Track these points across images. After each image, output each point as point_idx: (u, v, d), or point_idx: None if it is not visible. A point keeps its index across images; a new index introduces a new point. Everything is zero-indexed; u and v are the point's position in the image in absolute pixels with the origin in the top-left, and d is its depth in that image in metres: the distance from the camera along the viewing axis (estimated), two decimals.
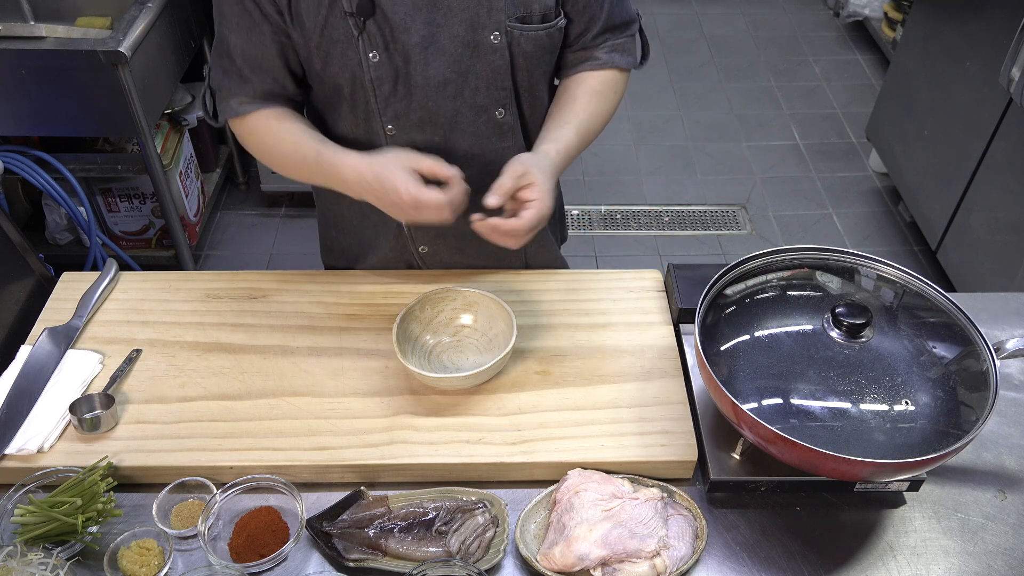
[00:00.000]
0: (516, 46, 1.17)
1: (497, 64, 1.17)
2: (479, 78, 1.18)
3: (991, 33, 2.50)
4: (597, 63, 1.27)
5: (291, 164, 1.24)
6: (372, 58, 1.14)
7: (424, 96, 1.17)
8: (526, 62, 1.19)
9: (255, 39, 1.16)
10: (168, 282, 1.36)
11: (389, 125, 1.20)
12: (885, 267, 1.15)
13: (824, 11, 4.52)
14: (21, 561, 0.95)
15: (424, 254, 1.38)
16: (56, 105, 2.29)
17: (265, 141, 1.24)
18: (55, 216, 2.73)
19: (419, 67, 1.15)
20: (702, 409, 1.15)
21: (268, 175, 3.03)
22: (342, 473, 1.10)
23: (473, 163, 1.23)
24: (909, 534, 1.07)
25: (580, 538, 0.99)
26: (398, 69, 1.15)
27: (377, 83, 1.16)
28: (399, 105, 1.18)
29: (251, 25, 1.15)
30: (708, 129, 3.66)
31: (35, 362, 1.20)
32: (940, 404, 1.02)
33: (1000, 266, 2.48)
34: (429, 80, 1.16)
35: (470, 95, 1.19)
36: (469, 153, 1.24)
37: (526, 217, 1.10)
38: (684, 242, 3.10)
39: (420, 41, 1.13)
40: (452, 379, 1.15)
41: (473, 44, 1.15)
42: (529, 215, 1.10)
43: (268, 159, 1.28)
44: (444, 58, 1.15)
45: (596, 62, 1.27)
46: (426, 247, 1.37)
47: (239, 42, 1.17)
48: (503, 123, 1.24)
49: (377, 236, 1.39)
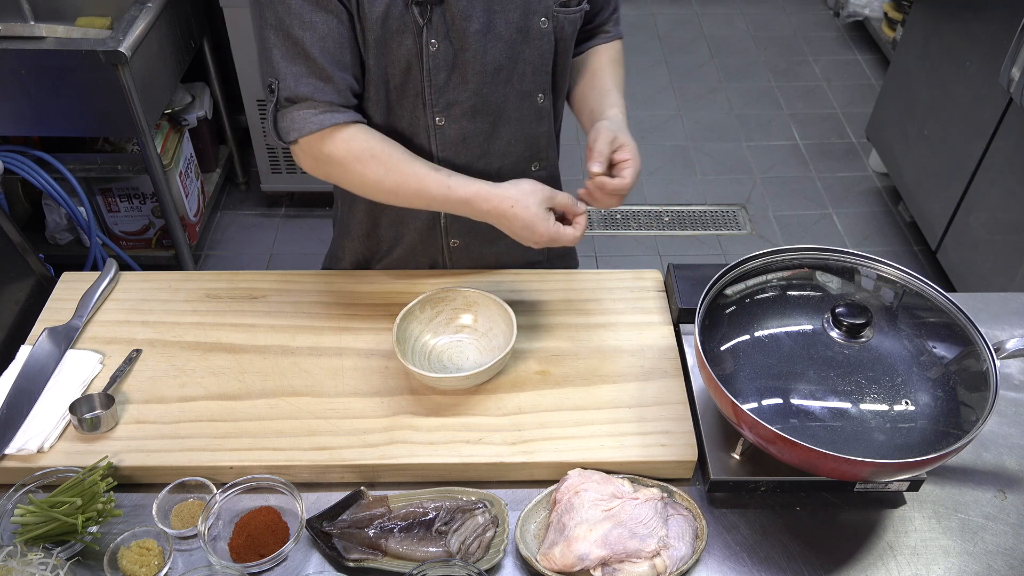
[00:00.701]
0: (559, 30, 1.21)
1: (543, 49, 1.21)
2: (527, 64, 1.21)
3: (991, 33, 2.50)
4: (608, 36, 1.36)
5: (402, 193, 1.17)
6: (431, 47, 1.14)
7: (479, 83, 1.19)
8: (564, 46, 1.24)
9: (334, 31, 1.10)
10: (168, 282, 1.36)
11: (438, 117, 1.20)
12: (885, 267, 1.15)
13: (824, 11, 4.52)
14: (21, 561, 0.95)
15: (454, 248, 1.39)
16: (56, 105, 2.29)
17: (370, 167, 1.15)
18: (55, 216, 2.73)
19: (476, 55, 1.16)
20: (702, 409, 1.15)
21: (268, 175, 3.03)
22: (342, 473, 1.10)
23: (515, 149, 1.28)
24: (909, 534, 1.07)
25: (580, 538, 0.99)
26: (455, 57, 1.16)
27: (433, 72, 1.16)
28: (452, 94, 1.19)
29: (327, 16, 1.09)
30: (708, 129, 3.66)
31: (35, 362, 1.20)
32: (940, 404, 1.02)
33: (1000, 266, 2.48)
34: (485, 67, 1.17)
35: (518, 81, 1.22)
36: (512, 140, 1.27)
37: (628, 175, 1.16)
38: (684, 242, 3.10)
39: (480, 28, 1.14)
40: (452, 379, 1.15)
41: (525, 30, 1.18)
42: (629, 173, 1.16)
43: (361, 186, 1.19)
44: (500, 44, 1.17)
45: (607, 35, 1.36)
46: (457, 240, 1.38)
47: (315, 39, 1.09)
48: (542, 108, 1.27)
49: (410, 230, 1.38)
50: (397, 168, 1.16)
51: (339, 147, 1.15)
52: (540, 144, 1.30)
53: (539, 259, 1.45)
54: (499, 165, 1.28)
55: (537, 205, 1.14)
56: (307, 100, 1.12)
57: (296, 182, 3.05)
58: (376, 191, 1.19)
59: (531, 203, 1.13)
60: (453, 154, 1.25)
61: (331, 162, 1.17)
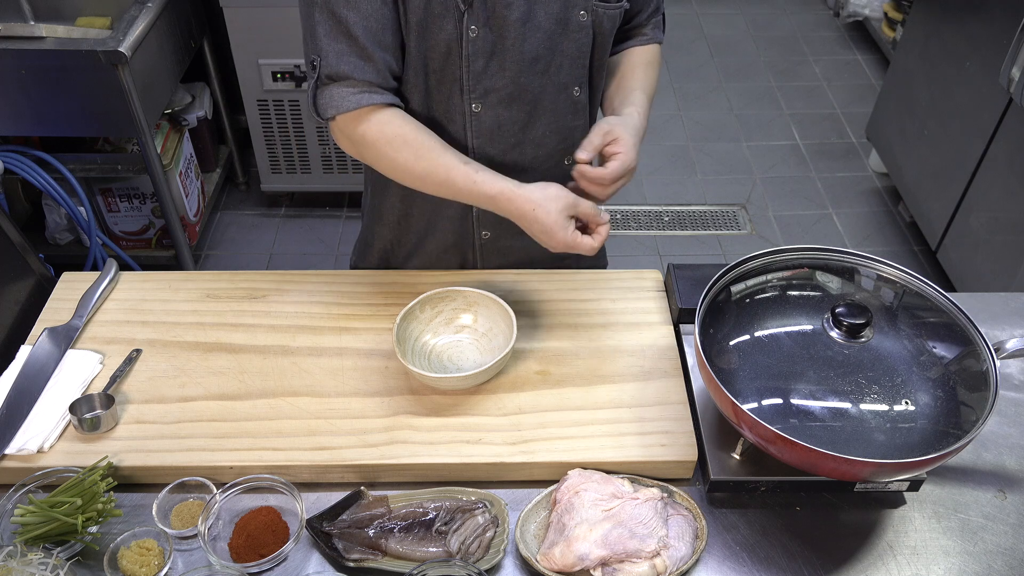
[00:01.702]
0: (598, 25, 1.22)
1: (581, 42, 1.22)
2: (565, 56, 1.22)
3: (991, 33, 2.50)
4: (644, 39, 1.37)
5: (430, 181, 1.18)
6: (471, 33, 1.15)
7: (516, 72, 1.20)
8: (603, 40, 1.25)
9: (377, 11, 1.12)
10: (168, 282, 1.36)
11: (475, 104, 1.21)
12: (885, 267, 1.15)
13: (824, 11, 4.52)
14: (21, 561, 0.95)
15: (485, 240, 1.39)
16: (56, 105, 2.29)
17: (401, 153, 1.17)
18: (55, 216, 2.73)
19: (515, 43, 1.17)
20: (702, 409, 1.15)
21: (268, 175, 3.03)
22: (342, 473, 1.10)
23: (549, 141, 1.29)
24: (909, 534, 1.07)
25: (580, 538, 0.99)
26: (494, 44, 1.17)
27: (472, 58, 1.17)
28: (489, 81, 1.20)
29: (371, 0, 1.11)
30: (708, 129, 3.66)
31: (35, 362, 1.20)
32: (940, 404, 1.02)
33: (1000, 266, 2.48)
34: (524, 56, 1.19)
35: (555, 72, 1.23)
36: (547, 131, 1.28)
37: (611, 167, 1.17)
38: (684, 242, 3.10)
39: (520, 17, 1.15)
40: (452, 379, 1.15)
41: (564, 21, 1.19)
42: (614, 166, 1.17)
43: (391, 169, 1.21)
44: (539, 35, 1.18)
45: (644, 38, 1.37)
46: (488, 232, 1.38)
47: (359, 19, 1.11)
48: (578, 101, 1.28)
49: (442, 219, 1.38)
50: (427, 156, 1.17)
51: (373, 128, 1.16)
52: (575, 138, 1.30)
53: (568, 258, 1.45)
54: (532, 155, 1.29)
55: (558, 212, 1.14)
56: (347, 78, 1.14)
57: (296, 182, 3.05)
58: (405, 176, 1.20)
59: (552, 209, 1.13)
60: (487, 142, 1.26)
61: (364, 143, 1.18)
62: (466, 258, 1.43)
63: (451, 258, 1.43)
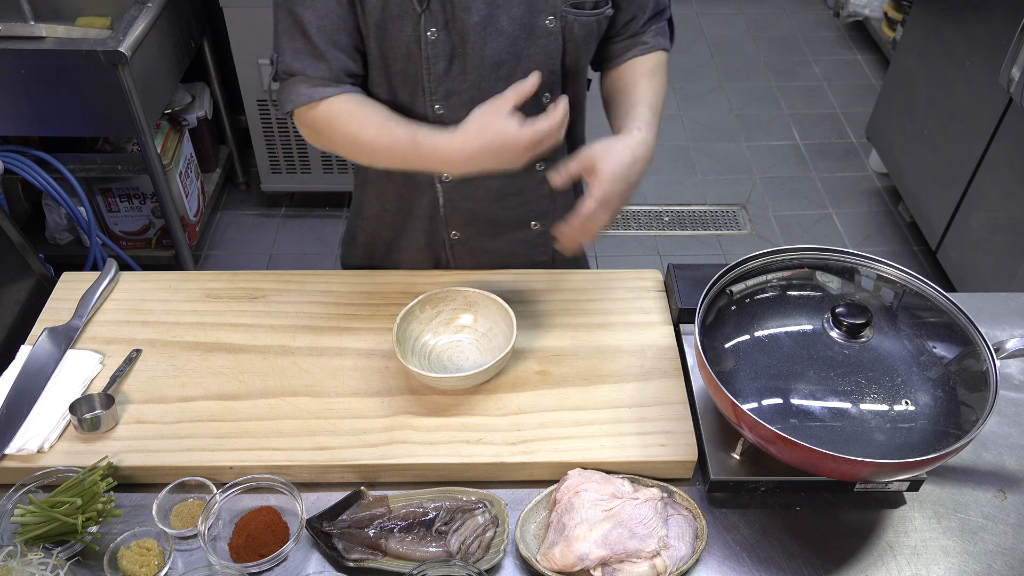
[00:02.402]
0: (568, 31, 1.19)
1: (550, 48, 1.20)
2: (531, 61, 1.20)
3: (991, 33, 2.50)
4: (646, 47, 1.31)
5: (378, 147, 1.18)
6: (430, 35, 1.15)
7: (478, 76, 1.19)
8: (575, 47, 1.22)
9: (332, 12, 1.14)
10: (168, 282, 1.36)
11: (437, 105, 1.21)
12: (885, 267, 1.15)
13: (824, 11, 4.52)
14: (21, 561, 0.95)
15: (455, 240, 1.39)
16: (56, 105, 2.29)
17: (347, 126, 1.18)
18: (55, 216, 2.73)
19: (476, 47, 1.16)
20: (702, 409, 1.15)
21: (268, 175, 3.03)
22: (342, 473, 1.10)
23: None
24: (909, 534, 1.07)
25: (580, 538, 0.99)
26: (455, 48, 1.17)
27: (432, 61, 1.17)
28: (451, 84, 1.19)
29: (326, 1, 1.14)
30: (708, 129, 3.66)
31: (35, 362, 1.20)
32: (940, 404, 1.02)
33: (1000, 266, 2.48)
34: (485, 60, 1.18)
35: (521, 77, 1.19)
36: None
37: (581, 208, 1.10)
38: (684, 242, 3.10)
39: (480, 20, 1.14)
40: (452, 379, 1.15)
41: (529, 27, 1.17)
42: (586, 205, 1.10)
43: (346, 145, 1.22)
44: (501, 39, 1.17)
45: (645, 47, 1.31)
46: (457, 232, 1.38)
47: (314, 18, 1.14)
48: (548, 108, 1.24)
49: (413, 219, 1.38)
50: (372, 124, 1.18)
51: (320, 111, 1.20)
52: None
53: (544, 259, 1.45)
54: None
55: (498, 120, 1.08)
56: (301, 75, 1.18)
57: (296, 182, 3.05)
58: (356, 149, 1.22)
59: (493, 121, 1.09)
60: None
61: (317, 126, 1.21)
62: (439, 258, 1.43)
63: (425, 258, 1.43)
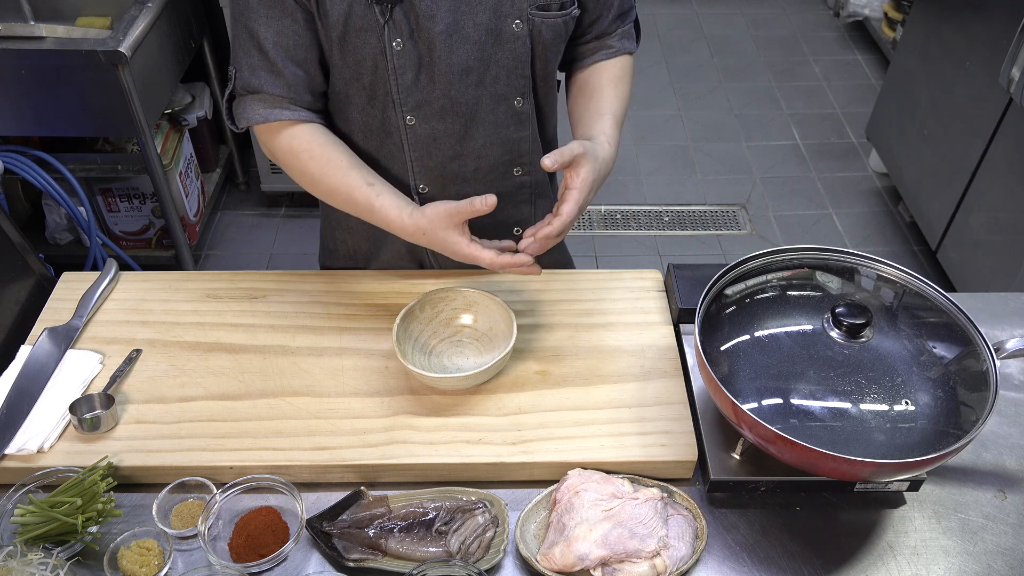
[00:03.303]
0: (536, 34, 1.19)
1: (518, 52, 1.19)
2: (500, 66, 1.19)
3: (991, 33, 2.50)
4: (611, 51, 1.30)
5: (335, 197, 1.23)
6: (396, 46, 1.14)
7: (447, 84, 1.18)
8: (544, 50, 1.21)
9: (288, 28, 1.13)
10: (168, 282, 1.36)
11: (409, 116, 1.20)
12: (885, 267, 1.15)
13: (824, 11, 4.52)
14: (21, 561, 0.95)
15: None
16: (56, 105, 2.29)
17: (308, 167, 1.21)
18: (55, 216, 2.73)
19: (443, 55, 1.15)
20: (702, 409, 1.15)
21: (268, 175, 3.03)
22: (342, 473, 1.10)
23: (491, 152, 1.27)
24: (909, 534, 1.07)
25: (580, 538, 0.99)
26: (421, 57, 1.16)
27: (400, 71, 1.16)
28: (420, 94, 1.19)
29: (283, 14, 1.12)
30: (708, 129, 3.66)
31: (35, 362, 1.20)
32: (940, 404, 1.02)
33: (1000, 266, 2.48)
34: (452, 68, 1.16)
35: (491, 83, 1.20)
36: (487, 143, 1.26)
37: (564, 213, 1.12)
38: (684, 242, 3.10)
39: (445, 29, 1.13)
40: (452, 379, 1.15)
41: (496, 32, 1.16)
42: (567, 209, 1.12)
43: (304, 182, 1.25)
44: (468, 46, 1.16)
45: (610, 50, 1.30)
46: None
47: (270, 34, 1.13)
48: (521, 112, 1.25)
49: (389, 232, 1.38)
50: (332, 174, 1.20)
51: (283, 143, 1.21)
52: (521, 149, 1.28)
53: None
54: (474, 167, 1.28)
55: (445, 230, 1.14)
56: (258, 91, 1.18)
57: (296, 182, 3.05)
58: (314, 190, 1.25)
59: (439, 230, 1.15)
60: (425, 153, 1.25)
61: (275, 156, 1.24)
62: (423, 263, 1.43)
63: (408, 263, 1.43)
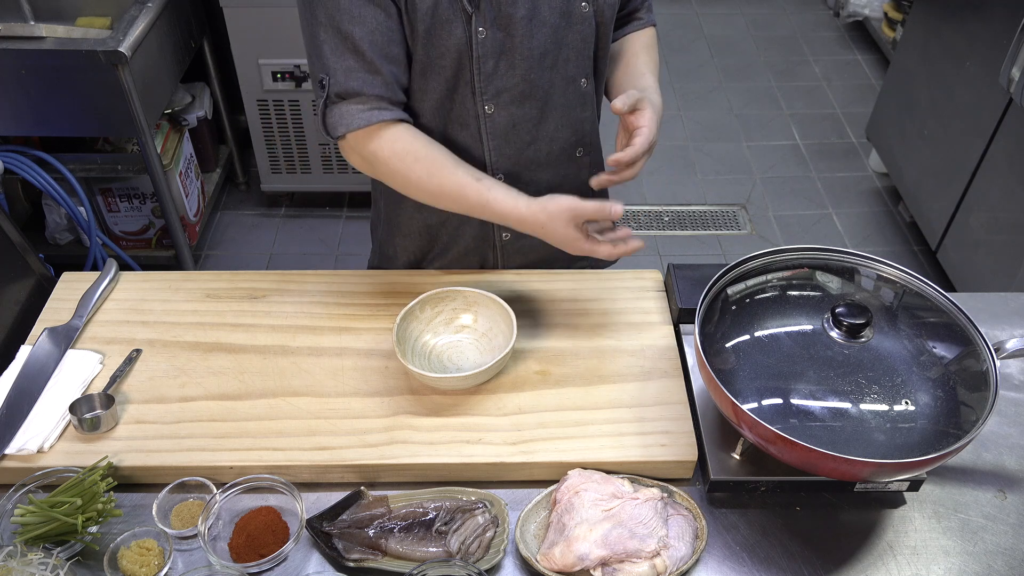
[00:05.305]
0: (600, 14, 1.22)
1: (585, 33, 1.22)
2: (570, 48, 1.23)
3: (991, 33, 2.50)
4: (641, 23, 1.39)
5: (443, 197, 1.20)
6: (480, 34, 1.15)
7: (526, 69, 1.20)
8: (605, 29, 1.25)
9: (382, 24, 1.13)
10: (168, 282, 1.36)
11: (488, 105, 1.22)
12: (885, 267, 1.15)
13: (824, 11, 4.52)
14: (21, 561, 0.95)
15: (506, 240, 1.39)
16: (56, 105, 2.29)
17: (413, 169, 1.18)
18: (55, 216, 2.73)
19: (523, 40, 1.18)
20: (702, 409, 1.15)
21: (268, 175, 3.03)
22: (342, 473, 1.10)
23: (561, 135, 1.30)
24: (909, 534, 1.07)
25: (580, 538, 0.99)
26: (503, 44, 1.18)
27: (483, 60, 1.18)
28: (501, 81, 1.20)
29: (375, 13, 1.12)
30: (708, 129, 3.66)
31: (35, 362, 1.20)
32: (940, 404, 1.02)
33: (1000, 266, 2.48)
34: (532, 52, 1.19)
35: (563, 65, 1.23)
36: (559, 125, 1.29)
37: (637, 144, 1.16)
38: (684, 242, 3.10)
39: (526, 14, 1.16)
40: (452, 379, 1.15)
41: (567, 14, 1.19)
42: (639, 141, 1.16)
43: (407, 187, 1.22)
44: (545, 29, 1.19)
45: (640, 22, 1.39)
46: (508, 233, 1.38)
47: (364, 33, 1.12)
48: (586, 93, 1.29)
49: (463, 223, 1.38)
50: (440, 173, 1.18)
51: (384, 146, 1.17)
52: (584, 129, 1.32)
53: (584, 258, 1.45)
54: (547, 151, 1.30)
55: (565, 225, 1.14)
56: (356, 95, 1.15)
57: (296, 182, 3.05)
58: (419, 193, 1.22)
59: (559, 225, 1.15)
60: (503, 142, 1.26)
61: (376, 160, 1.19)
62: (486, 259, 1.43)
63: (472, 260, 1.43)
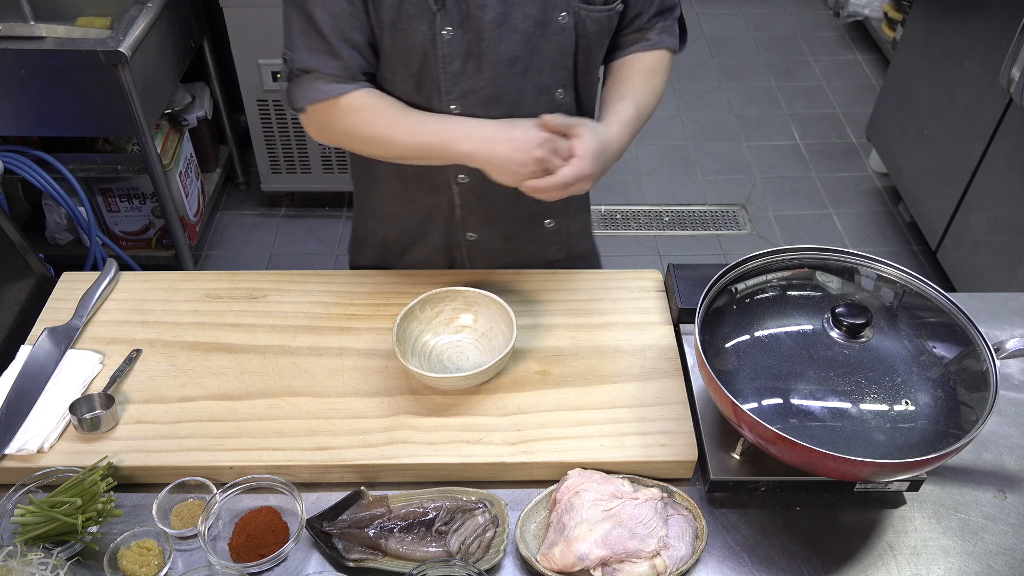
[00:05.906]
0: (581, 27, 1.20)
1: (563, 44, 1.20)
2: (545, 58, 1.20)
3: (991, 33, 2.50)
4: (648, 44, 1.31)
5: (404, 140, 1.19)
6: (446, 34, 1.15)
7: (494, 73, 1.19)
8: (587, 44, 1.23)
9: (345, 11, 1.14)
10: (168, 282, 1.36)
11: (454, 104, 1.21)
12: (885, 267, 1.15)
13: (824, 11, 4.52)
14: (21, 561, 0.95)
15: (471, 241, 1.39)
16: (56, 105, 2.29)
17: (375, 120, 1.19)
18: (55, 216, 2.73)
19: (491, 44, 1.16)
20: (702, 409, 1.15)
21: (268, 175, 3.03)
22: (342, 473, 1.10)
23: None
24: (909, 534, 1.07)
25: (580, 538, 0.99)
26: (470, 46, 1.17)
27: (448, 59, 1.17)
28: (467, 83, 1.19)
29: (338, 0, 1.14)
30: (708, 129, 3.66)
31: (35, 362, 1.20)
32: (940, 404, 1.02)
33: (1000, 266, 2.48)
34: (500, 57, 1.18)
35: (535, 74, 1.22)
36: None
37: (562, 173, 1.11)
38: (684, 242, 3.10)
39: (495, 18, 1.15)
40: (452, 379, 1.15)
41: (543, 23, 1.17)
42: (565, 172, 1.11)
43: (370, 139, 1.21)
44: (516, 36, 1.17)
45: (648, 43, 1.31)
46: (474, 233, 1.38)
47: (326, 16, 1.14)
48: (562, 104, 1.26)
49: (428, 220, 1.38)
50: (395, 117, 1.19)
51: (339, 109, 1.19)
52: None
53: (559, 258, 1.45)
54: None
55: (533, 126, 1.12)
56: (315, 72, 1.17)
57: (296, 182, 3.05)
58: (379, 144, 1.21)
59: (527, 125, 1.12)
60: None
61: (333, 128, 1.22)
62: (454, 259, 1.43)
63: (440, 260, 1.43)
